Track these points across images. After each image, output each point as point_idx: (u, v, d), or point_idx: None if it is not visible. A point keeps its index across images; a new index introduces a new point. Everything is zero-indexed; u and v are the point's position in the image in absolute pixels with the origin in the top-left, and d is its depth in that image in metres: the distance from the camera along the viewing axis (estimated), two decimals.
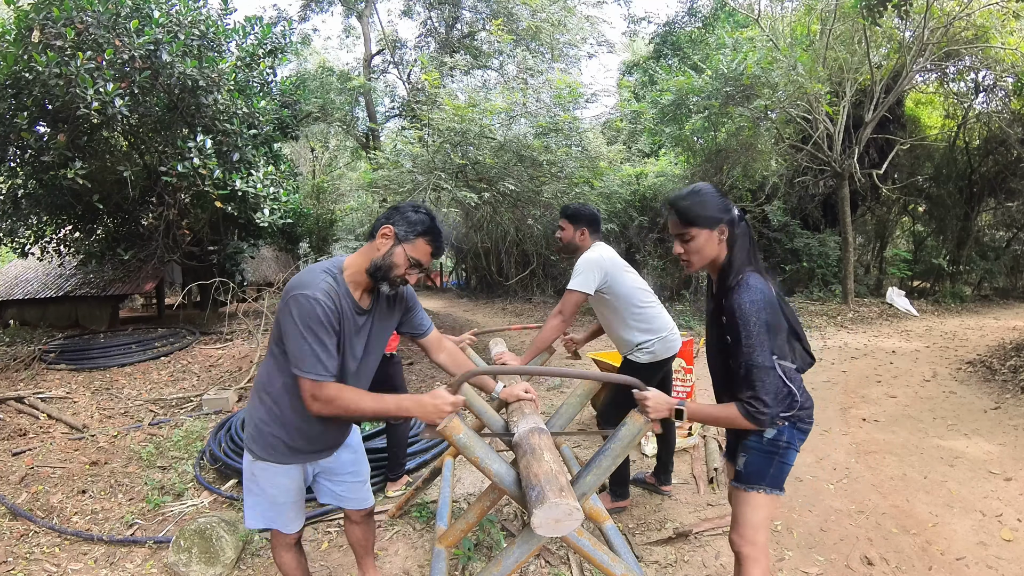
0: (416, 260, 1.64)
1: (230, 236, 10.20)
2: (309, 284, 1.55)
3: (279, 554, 1.90)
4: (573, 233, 2.76)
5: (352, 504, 1.97)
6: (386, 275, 1.62)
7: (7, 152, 6.87)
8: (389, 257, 1.61)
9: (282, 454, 1.72)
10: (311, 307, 1.51)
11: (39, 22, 5.96)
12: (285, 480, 1.76)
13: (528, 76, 8.74)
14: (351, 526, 2.06)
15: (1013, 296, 13.20)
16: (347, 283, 1.63)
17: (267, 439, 1.70)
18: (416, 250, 1.63)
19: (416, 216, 1.64)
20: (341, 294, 1.60)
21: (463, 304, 14.77)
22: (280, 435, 1.69)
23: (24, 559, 2.63)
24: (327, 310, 1.53)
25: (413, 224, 1.63)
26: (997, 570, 2.35)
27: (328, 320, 1.53)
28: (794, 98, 9.20)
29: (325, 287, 1.55)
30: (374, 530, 2.12)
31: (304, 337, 1.51)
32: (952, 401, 4.83)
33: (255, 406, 1.72)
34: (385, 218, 1.66)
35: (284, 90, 9.04)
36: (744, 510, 1.66)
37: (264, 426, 1.69)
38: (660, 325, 2.73)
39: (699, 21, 16.50)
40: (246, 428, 1.77)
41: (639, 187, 12.55)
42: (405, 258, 1.62)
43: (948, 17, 8.94)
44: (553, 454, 1.44)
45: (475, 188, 7.24)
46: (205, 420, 4.74)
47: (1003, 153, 11.96)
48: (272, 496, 1.76)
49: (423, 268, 1.68)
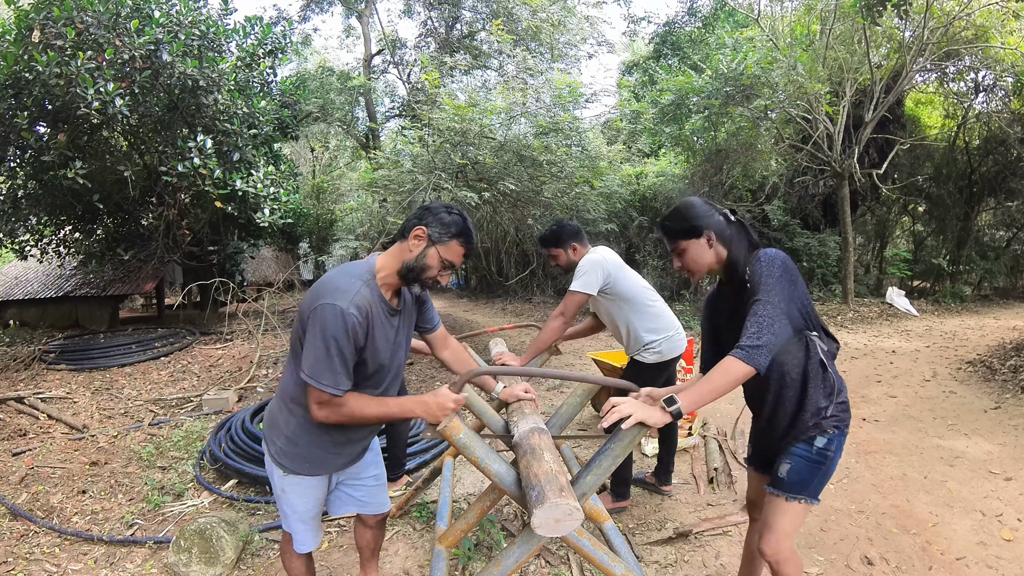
0: (450, 262, 1.61)
1: (230, 236, 10.20)
2: (343, 293, 1.49)
3: (291, 559, 1.86)
4: (565, 254, 2.76)
5: (372, 509, 1.92)
6: (418, 276, 1.60)
7: (7, 152, 6.88)
8: (423, 259, 1.58)
9: (318, 465, 1.68)
10: (342, 321, 1.46)
11: (39, 22, 5.96)
12: (316, 492, 1.74)
13: (528, 76, 8.73)
14: (363, 530, 2.02)
15: (1013, 296, 13.19)
16: (380, 286, 1.60)
17: (302, 451, 1.65)
18: (450, 252, 1.60)
19: (450, 217, 1.60)
20: (375, 301, 1.56)
21: (463, 304, 14.77)
22: (316, 446, 1.65)
23: (24, 559, 2.63)
24: (357, 325, 1.48)
25: (447, 225, 1.59)
26: (997, 570, 2.35)
27: (355, 336, 1.49)
28: (794, 98, 9.20)
29: (359, 300, 1.50)
30: (384, 535, 2.10)
31: (328, 349, 1.46)
32: (952, 401, 4.83)
33: (285, 418, 1.65)
34: (417, 219, 1.61)
35: (284, 90, 9.05)
36: (780, 519, 1.62)
37: (298, 438, 1.64)
38: (666, 324, 2.73)
39: (699, 21, 16.51)
40: (273, 441, 1.69)
41: (639, 187, 12.55)
42: (439, 260, 1.59)
43: (948, 17, 8.93)
44: (553, 454, 1.44)
45: (475, 188, 7.24)
46: (205, 420, 4.74)
47: (1003, 153, 11.95)
48: (303, 512, 1.73)
49: (455, 269, 1.65)
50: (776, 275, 1.48)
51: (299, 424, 1.63)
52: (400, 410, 1.59)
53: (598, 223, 9.30)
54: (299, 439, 1.64)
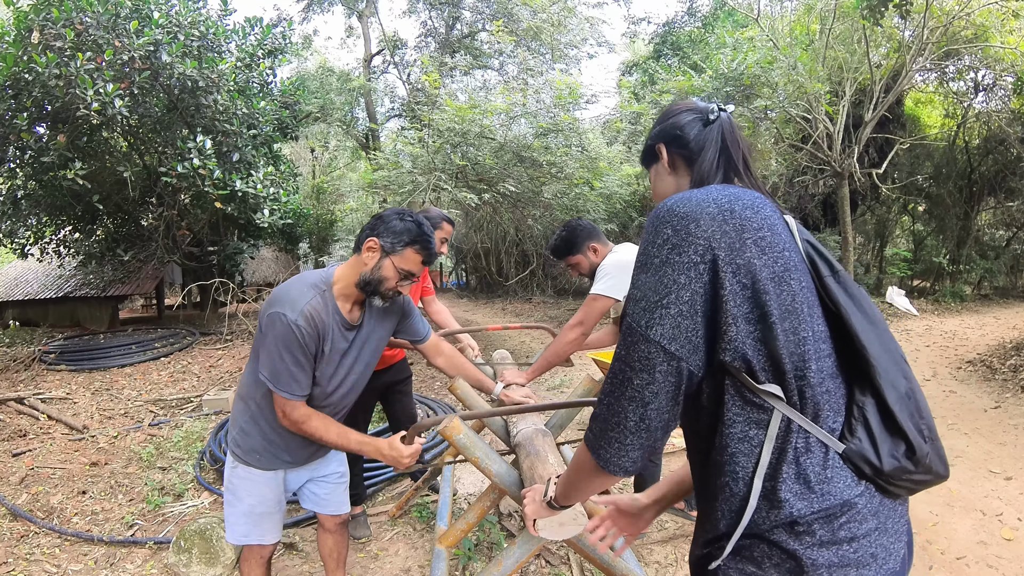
0: (407, 271, 1.56)
1: (230, 236, 10.21)
2: (293, 302, 1.49)
3: (250, 568, 1.80)
4: (586, 258, 2.39)
5: (329, 508, 1.90)
6: (376, 289, 1.56)
7: (7, 153, 6.87)
8: (378, 271, 1.54)
9: (266, 460, 1.69)
10: (289, 332, 1.47)
11: (39, 23, 5.96)
12: (265, 489, 1.72)
13: (528, 76, 8.74)
14: (323, 536, 1.98)
15: (1013, 295, 13.19)
16: (336, 298, 1.57)
17: (251, 443, 1.68)
18: (405, 261, 1.55)
19: (402, 225, 1.54)
20: (328, 312, 1.54)
21: (463, 304, 14.77)
22: (264, 440, 1.67)
23: (24, 560, 2.63)
24: (305, 335, 1.48)
25: (399, 234, 1.54)
26: (997, 569, 2.35)
27: (304, 345, 1.49)
28: (794, 98, 9.19)
29: (308, 310, 1.49)
30: (347, 542, 2.04)
31: (281, 357, 1.49)
32: (952, 400, 4.83)
33: (240, 410, 1.69)
34: (370, 229, 1.57)
35: (284, 90, 9.05)
36: None
37: (249, 429, 1.67)
38: None
39: (699, 21, 16.51)
40: (230, 432, 1.74)
41: (639, 187, 12.55)
42: (395, 270, 1.54)
43: (948, 16, 8.94)
44: (556, 456, 1.44)
45: (475, 189, 7.25)
46: (205, 421, 4.74)
47: (1003, 152, 11.95)
48: (250, 506, 1.71)
49: (415, 278, 1.60)
50: (658, 260, 0.77)
51: (251, 417, 1.67)
52: (359, 448, 1.62)
53: (598, 224, 9.27)
54: (250, 431, 1.68)
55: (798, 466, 0.73)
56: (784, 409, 0.73)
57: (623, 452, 0.78)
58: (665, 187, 1.00)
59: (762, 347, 0.73)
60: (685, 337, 0.74)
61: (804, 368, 0.73)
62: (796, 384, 0.73)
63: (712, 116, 0.93)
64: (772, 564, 0.74)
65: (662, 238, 0.77)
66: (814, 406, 0.74)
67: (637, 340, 0.76)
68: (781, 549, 0.73)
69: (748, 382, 0.74)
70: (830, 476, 0.73)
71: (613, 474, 0.81)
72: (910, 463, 0.75)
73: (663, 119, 1.00)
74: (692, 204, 0.77)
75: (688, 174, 0.95)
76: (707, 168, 0.90)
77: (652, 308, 0.75)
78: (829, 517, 0.72)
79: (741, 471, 0.75)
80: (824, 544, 0.72)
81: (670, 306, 0.74)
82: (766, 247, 0.75)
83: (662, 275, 0.75)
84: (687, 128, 0.95)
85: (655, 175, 1.03)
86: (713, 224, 0.75)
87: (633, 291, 0.79)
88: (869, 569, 0.72)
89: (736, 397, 0.75)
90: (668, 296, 0.74)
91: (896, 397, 0.75)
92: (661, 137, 0.99)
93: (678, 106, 1.00)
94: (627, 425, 0.77)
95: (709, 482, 0.80)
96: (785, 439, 0.73)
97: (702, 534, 0.82)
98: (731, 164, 0.92)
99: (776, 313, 0.73)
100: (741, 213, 0.76)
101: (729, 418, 0.75)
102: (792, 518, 0.72)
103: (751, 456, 0.75)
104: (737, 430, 0.75)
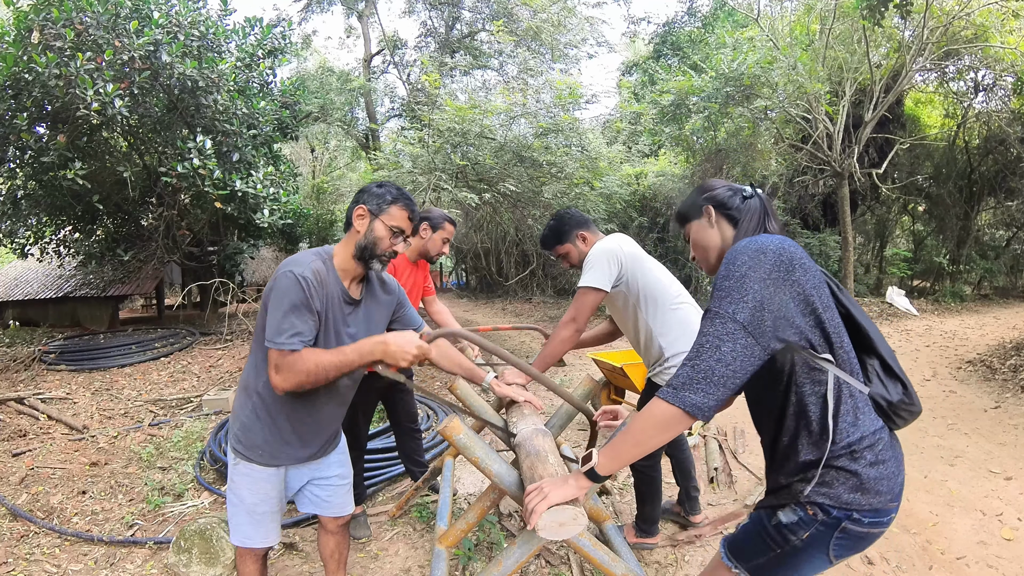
0: (397, 228, 1.66)
1: (230, 236, 10.20)
2: (298, 263, 1.58)
3: (245, 564, 1.81)
4: (575, 247, 2.34)
5: (333, 510, 1.88)
6: (373, 252, 1.65)
7: (7, 153, 6.86)
8: (371, 234, 1.64)
9: (269, 455, 1.68)
10: (295, 282, 1.52)
11: (39, 23, 5.96)
12: (267, 486, 1.71)
13: (528, 76, 8.74)
14: (325, 537, 1.97)
15: (1013, 295, 13.20)
16: (337, 271, 1.66)
17: (253, 438, 1.67)
18: (393, 218, 1.66)
19: (382, 189, 1.69)
20: (330, 280, 1.62)
21: (463, 304, 14.77)
22: (268, 433, 1.67)
23: (24, 560, 2.63)
24: (311, 287, 1.54)
25: (381, 196, 1.66)
26: (997, 569, 2.35)
27: (310, 296, 1.54)
28: (794, 98, 9.20)
29: (313, 268, 1.58)
30: (348, 543, 2.04)
31: (283, 309, 1.52)
32: (952, 400, 4.83)
33: (242, 404, 1.70)
34: (354, 202, 1.70)
35: (284, 90, 9.04)
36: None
37: (252, 423, 1.67)
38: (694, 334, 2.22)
39: (699, 21, 16.51)
40: (231, 428, 1.73)
41: (639, 187, 12.55)
42: (386, 229, 1.65)
43: (948, 16, 8.94)
44: (556, 457, 1.44)
45: (475, 189, 7.25)
46: (205, 421, 4.74)
47: (1003, 152, 11.97)
48: (251, 505, 1.70)
49: (406, 235, 1.70)
50: (739, 274, 1.08)
51: (252, 409, 1.67)
52: (359, 355, 1.54)
53: (598, 223, 9.27)
54: (251, 425, 1.68)
55: (847, 406, 1.09)
56: (835, 370, 1.10)
57: (707, 398, 1.06)
58: (709, 237, 1.35)
59: (816, 330, 1.10)
60: (758, 321, 1.06)
61: (841, 343, 1.11)
62: (838, 353, 1.10)
63: (747, 194, 1.33)
64: (840, 483, 1.08)
65: (741, 260, 1.10)
66: (849, 366, 1.12)
67: (726, 320, 1.07)
68: (846, 471, 1.08)
69: (811, 354, 1.09)
70: (865, 411, 1.11)
71: (694, 416, 1.07)
72: (906, 396, 1.14)
73: (704, 191, 1.38)
74: (759, 242, 1.13)
75: (729, 227, 1.33)
76: (754, 224, 1.28)
77: (736, 301, 1.07)
78: (872, 445, 1.09)
79: (814, 416, 1.10)
80: (872, 464, 1.08)
81: (749, 301, 1.06)
82: (806, 268, 1.11)
83: (744, 281, 1.08)
84: (729, 200, 1.33)
85: (698, 227, 1.37)
86: (774, 254, 1.10)
87: (718, 292, 1.11)
88: (894, 481, 1.11)
89: (803, 366, 1.10)
90: (747, 295, 1.07)
91: (890, 358, 1.17)
92: (709, 201, 1.35)
93: (718, 183, 1.38)
94: (713, 379, 1.06)
95: (787, 433, 1.14)
96: (839, 390, 1.09)
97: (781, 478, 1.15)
98: (768, 220, 1.29)
99: (820, 308, 1.10)
100: (789, 248, 1.12)
101: (800, 380, 1.10)
102: (851, 447, 1.08)
103: (818, 405, 1.10)
104: (807, 389, 1.10)
